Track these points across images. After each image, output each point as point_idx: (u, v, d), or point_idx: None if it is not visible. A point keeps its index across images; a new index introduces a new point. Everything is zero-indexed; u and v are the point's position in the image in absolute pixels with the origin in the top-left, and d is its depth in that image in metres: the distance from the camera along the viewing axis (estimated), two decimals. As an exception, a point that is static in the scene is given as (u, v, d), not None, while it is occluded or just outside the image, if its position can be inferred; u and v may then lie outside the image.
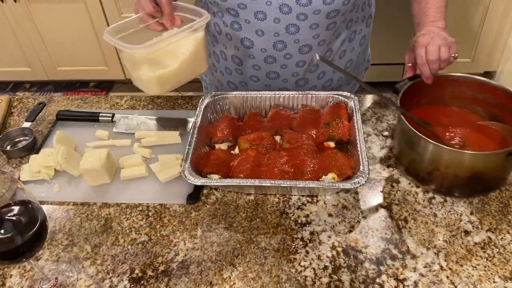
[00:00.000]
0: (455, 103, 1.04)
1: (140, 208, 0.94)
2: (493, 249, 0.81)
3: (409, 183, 0.94)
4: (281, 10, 1.00)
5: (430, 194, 0.91)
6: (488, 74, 2.66)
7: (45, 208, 0.95)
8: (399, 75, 2.59)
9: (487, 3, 2.29)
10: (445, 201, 0.90)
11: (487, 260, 0.79)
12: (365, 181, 0.85)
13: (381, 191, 0.93)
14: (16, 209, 0.69)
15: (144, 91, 0.91)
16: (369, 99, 1.16)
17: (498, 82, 0.98)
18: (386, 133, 1.06)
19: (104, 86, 3.03)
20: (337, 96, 1.05)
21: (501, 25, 2.36)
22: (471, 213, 0.87)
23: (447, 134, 0.97)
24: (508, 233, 0.83)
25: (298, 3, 0.99)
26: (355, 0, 1.04)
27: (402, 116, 0.91)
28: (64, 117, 1.16)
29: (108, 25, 2.90)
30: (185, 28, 0.87)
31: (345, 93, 1.05)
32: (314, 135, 1.01)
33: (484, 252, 0.80)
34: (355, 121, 0.97)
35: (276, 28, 1.03)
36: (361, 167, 0.87)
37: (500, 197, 0.89)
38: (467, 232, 0.84)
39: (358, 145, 0.92)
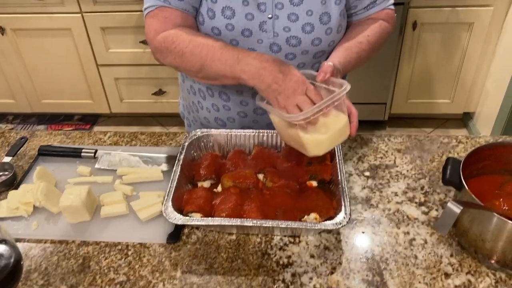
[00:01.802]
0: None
1: (120, 247, 0.92)
2: (473, 292, 0.81)
3: (390, 224, 0.94)
4: (271, 49, 1.04)
5: (411, 236, 0.92)
6: (468, 115, 2.73)
7: (21, 245, 0.93)
8: (380, 114, 2.64)
9: (465, 47, 2.38)
10: (426, 242, 0.90)
11: (467, 303, 0.79)
12: (347, 221, 0.85)
13: (362, 232, 0.93)
14: (-10, 248, 0.68)
15: (304, 151, 0.94)
16: (350, 139, 1.18)
17: None
18: (367, 173, 1.07)
19: (89, 120, 3.02)
20: (319, 136, 1.07)
21: (479, 68, 2.45)
22: (451, 255, 0.87)
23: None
24: (488, 276, 0.83)
25: (288, 43, 1.03)
26: (338, 40, 1.08)
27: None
28: (46, 152, 1.15)
29: (96, 60, 2.90)
30: (329, 99, 0.88)
31: (327, 134, 1.07)
32: (296, 174, 1.01)
33: (465, 295, 0.81)
34: (337, 160, 0.99)
35: None
36: (343, 207, 0.88)
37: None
38: (447, 275, 0.84)
39: (340, 185, 0.92)
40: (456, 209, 0.73)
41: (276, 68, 0.90)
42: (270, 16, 1.01)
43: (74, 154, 1.14)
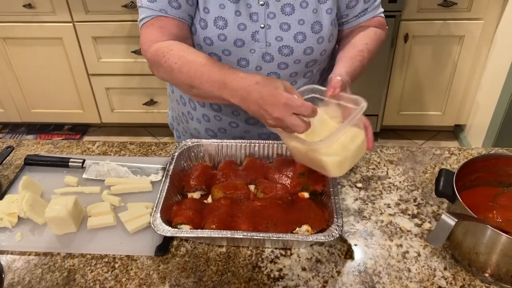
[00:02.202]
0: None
1: (106, 260, 0.90)
2: (467, 306, 0.80)
3: (382, 236, 0.93)
4: (264, 59, 1.03)
5: (404, 248, 0.90)
6: (459, 127, 2.74)
7: (4, 258, 0.90)
8: (372, 126, 2.64)
9: (455, 60, 2.39)
10: (419, 255, 0.89)
11: (461, 318, 0.78)
12: (339, 234, 0.84)
13: (355, 244, 0.91)
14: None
15: (323, 172, 0.90)
16: (343, 150, 1.17)
17: None
18: (359, 185, 1.06)
19: (79, 130, 2.99)
20: (311, 147, 1.05)
21: (469, 80, 2.46)
22: (445, 269, 0.86)
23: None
24: (482, 289, 0.82)
25: (280, 52, 1.02)
26: (330, 50, 1.09)
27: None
28: (32, 161, 1.12)
29: (87, 69, 2.86)
30: (349, 120, 0.85)
31: (319, 144, 1.06)
32: (288, 185, 1.00)
33: (459, 309, 0.79)
34: (329, 172, 0.97)
35: None
36: (335, 219, 0.86)
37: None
38: (441, 288, 0.83)
39: (332, 197, 0.91)
40: (451, 221, 0.71)
41: (259, 94, 0.83)
42: (262, 26, 1.00)
43: (62, 163, 1.11)
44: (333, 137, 0.83)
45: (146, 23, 1.01)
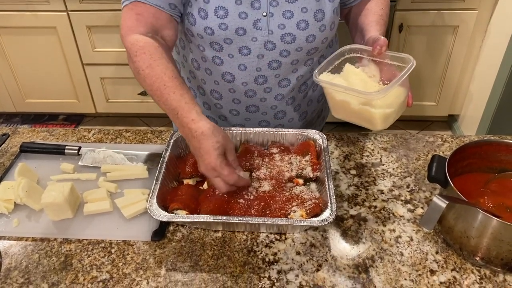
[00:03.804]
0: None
1: (103, 245, 0.90)
2: (458, 288, 0.81)
3: (376, 222, 0.94)
4: (266, 47, 1.03)
5: (397, 233, 0.92)
6: (452, 117, 2.76)
7: (1, 243, 0.91)
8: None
9: (450, 50, 2.40)
10: (411, 240, 0.90)
11: (452, 300, 0.79)
12: (333, 218, 0.85)
13: (348, 229, 0.93)
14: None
15: (368, 126, 0.92)
16: (337, 138, 1.18)
17: None
18: (353, 171, 1.07)
19: (74, 120, 2.98)
20: (306, 133, 1.07)
21: (463, 70, 2.47)
22: (437, 252, 0.88)
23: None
24: (472, 272, 0.84)
25: (283, 40, 1.02)
26: (331, 37, 1.10)
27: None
28: (28, 149, 1.13)
29: (81, 59, 2.82)
30: (401, 75, 0.87)
31: (313, 131, 1.07)
32: (283, 172, 1.01)
33: (450, 291, 0.81)
34: (323, 158, 0.99)
35: (259, 63, 1.05)
36: (329, 205, 0.88)
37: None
38: (432, 272, 0.84)
39: (326, 183, 0.92)
40: (442, 203, 0.73)
41: (198, 144, 0.88)
42: (264, 14, 1.00)
43: (57, 151, 1.11)
44: (389, 89, 0.85)
45: (126, 6, 1.02)
